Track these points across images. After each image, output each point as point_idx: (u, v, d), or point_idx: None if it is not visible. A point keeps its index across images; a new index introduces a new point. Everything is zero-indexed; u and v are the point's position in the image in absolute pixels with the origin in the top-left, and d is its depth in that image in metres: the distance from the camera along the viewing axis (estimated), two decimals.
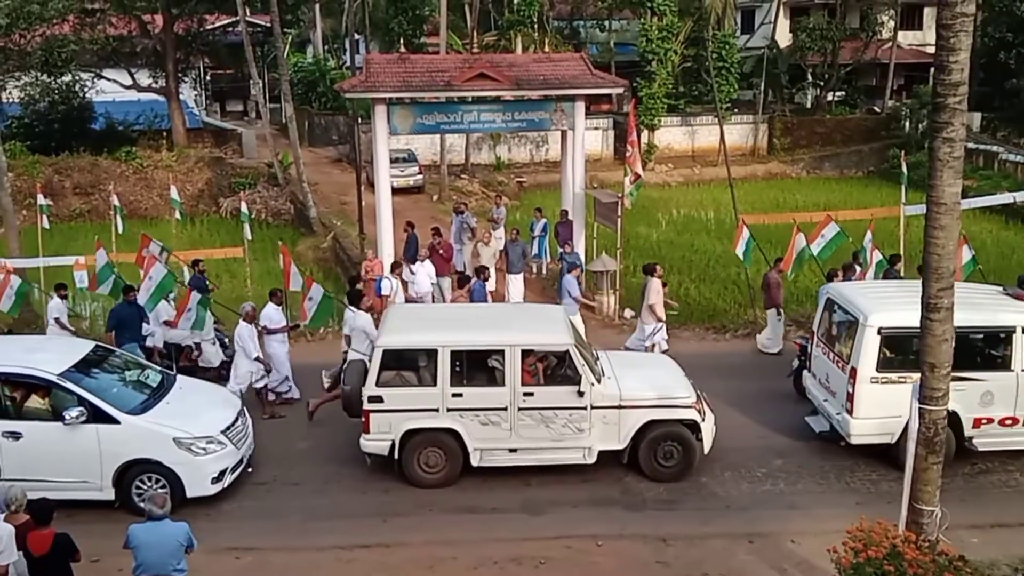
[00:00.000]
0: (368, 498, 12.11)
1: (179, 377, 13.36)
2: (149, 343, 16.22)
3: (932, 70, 9.27)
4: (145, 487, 11.50)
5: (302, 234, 28.77)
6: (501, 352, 12.14)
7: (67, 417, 11.34)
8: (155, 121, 38.90)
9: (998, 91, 41.41)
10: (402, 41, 26.84)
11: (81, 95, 37.15)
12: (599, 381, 12.27)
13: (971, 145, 33.24)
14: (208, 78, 51.21)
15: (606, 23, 48.73)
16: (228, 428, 12.17)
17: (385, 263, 20.12)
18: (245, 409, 13.09)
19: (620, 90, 25.09)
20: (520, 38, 40.01)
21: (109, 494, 11.61)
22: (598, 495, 12.15)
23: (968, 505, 11.18)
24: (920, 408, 9.16)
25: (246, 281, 19.76)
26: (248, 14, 35.56)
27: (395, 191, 22.27)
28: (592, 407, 12.15)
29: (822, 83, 46.33)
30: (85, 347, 12.99)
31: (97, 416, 11.45)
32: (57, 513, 8.76)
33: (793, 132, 43.53)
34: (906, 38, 47.07)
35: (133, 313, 15.63)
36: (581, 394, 12.06)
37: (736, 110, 43.91)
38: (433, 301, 19.77)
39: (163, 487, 11.43)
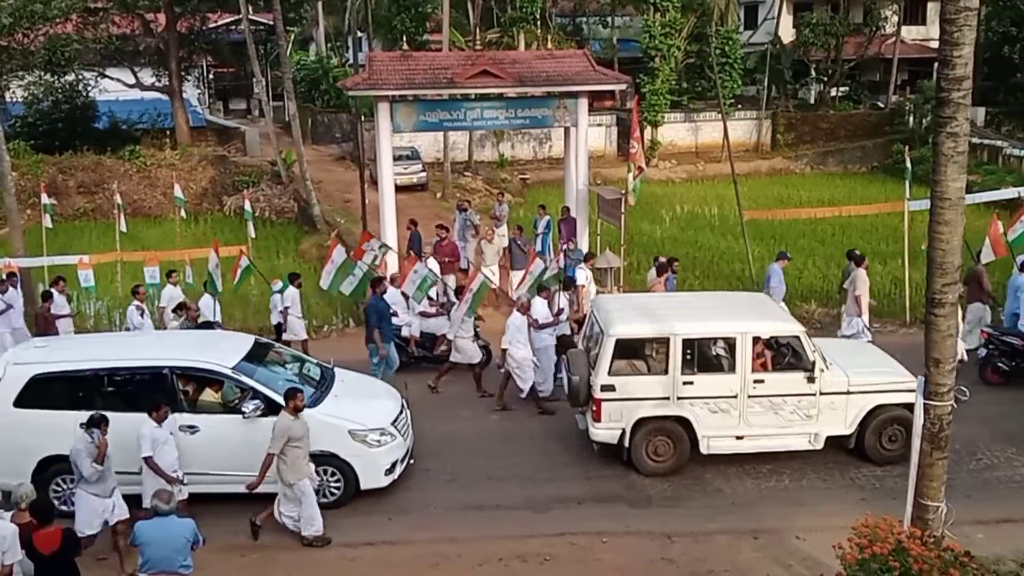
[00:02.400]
0: (372, 496, 12.11)
1: (337, 370, 13.30)
2: (405, 332, 16.53)
3: (936, 65, 9.25)
4: (320, 480, 11.50)
5: (305, 232, 28.75)
6: (732, 340, 12.27)
7: (246, 410, 11.41)
8: (158, 120, 38.91)
9: (1002, 86, 41.32)
10: (405, 38, 26.69)
11: (84, 94, 37.18)
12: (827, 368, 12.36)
13: (975, 140, 33.17)
14: (211, 76, 51.19)
15: (609, 19, 48.69)
16: (395, 419, 12.24)
17: (389, 260, 20.11)
18: (406, 400, 13.14)
19: (623, 86, 25.07)
20: (523, 35, 39.77)
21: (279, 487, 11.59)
22: (603, 492, 12.16)
23: (974, 501, 11.17)
24: (925, 404, 9.15)
25: (250, 279, 19.74)
26: (251, 12, 35.53)
27: (398, 189, 22.27)
28: (821, 393, 12.27)
29: (825, 78, 46.25)
30: (248, 341, 13.06)
31: (272, 409, 11.43)
32: (64, 513, 8.79)
33: (797, 128, 43.44)
34: (910, 33, 46.95)
35: (387, 307, 15.57)
36: (811, 380, 12.16)
37: (739, 106, 43.82)
38: (438, 297, 19.79)
39: (337, 480, 11.57)
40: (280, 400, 11.34)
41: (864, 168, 41.11)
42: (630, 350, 12.65)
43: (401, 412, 12.56)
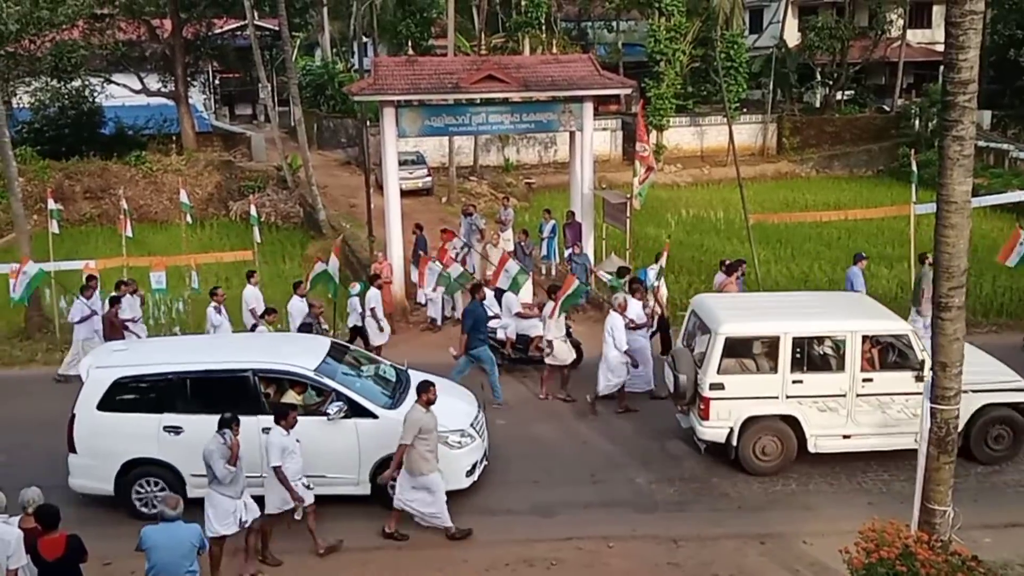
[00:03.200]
0: (378, 500, 12.08)
1: (411, 372, 13.27)
2: (501, 335, 16.50)
3: (941, 68, 9.23)
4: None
5: (311, 237, 28.81)
6: (841, 339, 12.27)
7: (331, 412, 11.41)
8: (164, 125, 39.07)
9: (1008, 89, 41.25)
10: (410, 43, 26.72)
11: (91, 100, 37.34)
12: None
13: (981, 143, 33.09)
14: (217, 82, 51.35)
15: (614, 24, 48.77)
16: (474, 421, 12.23)
17: (395, 265, 20.15)
18: (482, 402, 13.14)
19: (628, 91, 25.05)
20: (528, 40, 39.80)
21: (365, 488, 11.68)
22: (609, 496, 12.14)
23: (981, 505, 11.13)
24: (932, 408, 9.13)
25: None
26: (256, 18, 35.66)
27: (404, 193, 22.31)
28: None
29: (831, 82, 46.24)
30: (325, 343, 13.06)
31: (355, 411, 11.50)
32: (69, 517, 8.78)
33: (802, 131, 43.44)
34: (915, 36, 46.95)
35: (484, 313, 15.51)
36: (919, 379, 12.02)
37: (745, 110, 43.84)
38: (443, 302, 19.82)
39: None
40: (363, 402, 11.52)
41: (870, 172, 41.10)
42: (739, 349, 12.57)
43: (478, 414, 12.54)
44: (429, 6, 42.27)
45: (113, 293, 17.19)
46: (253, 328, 16.44)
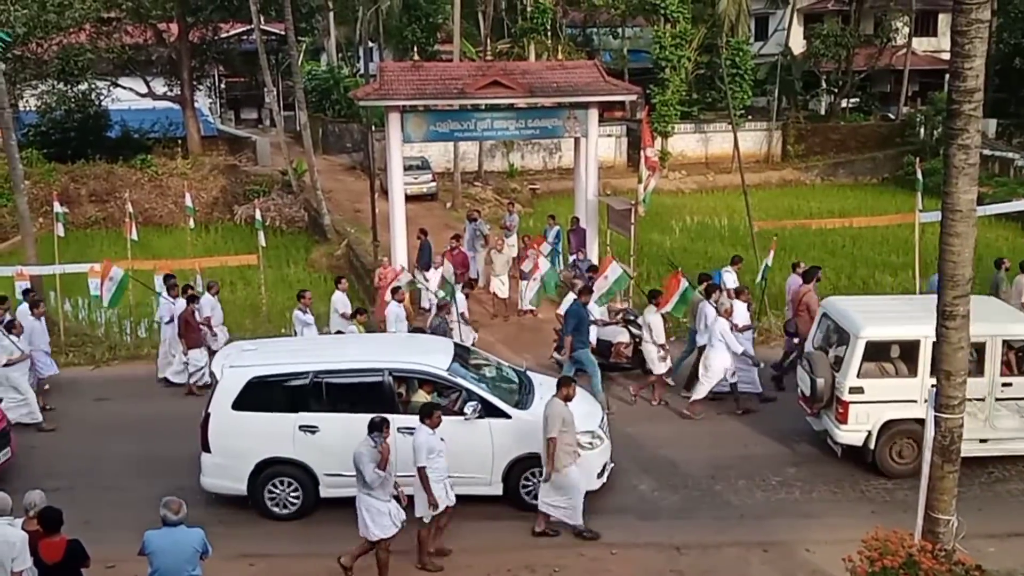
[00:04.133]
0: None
1: (530, 373, 13.31)
2: None
3: (947, 76, 9.25)
4: (531, 483, 11.53)
5: (316, 241, 28.85)
6: (981, 343, 12.11)
7: (468, 412, 11.40)
8: (170, 129, 39.18)
9: (1014, 97, 41.23)
10: (416, 49, 26.76)
11: (97, 103, 37.47)
12: None
13: (986, 152, 33.06)
14: (223, 86, 51.52)
15: (619, 30, 48.78)
16: (601, 422, 12.20)
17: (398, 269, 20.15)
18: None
19: (633, 97, 25.10)
20: (533, 46, 40.10)
21: (497, 489, 11.68)
22: (612, 504, 12.12)
23: (985, 514, 11.09)
24: (936, 416, 9.11)
25: (260, 288, 19.83)
26: (263, 22, 35.76)
27: (408, 198, 22.32)
28: None
29: (836, 90, 46.22)
30: (449, 343, 13.11)
31: (488, 410, 11.51)
32: (72, 520, 8.79)
33: (807, 139, 43.44)
34: (920, 44, 46.94)
35: (588, 315, 15.41)
36: None
37: (750, 117, 43.83)
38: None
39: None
40: (496, 402, 11.58)
41: (874, 180, 41.08)
42: (878, 352, 12.51)
43: (603, 415, 12.52)
44: (435, 12, 42.40)
45: (192, 293, 17.11)
46: (338, 332, 16.43)
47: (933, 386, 9.24)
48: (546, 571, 10.47)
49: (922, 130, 41.48)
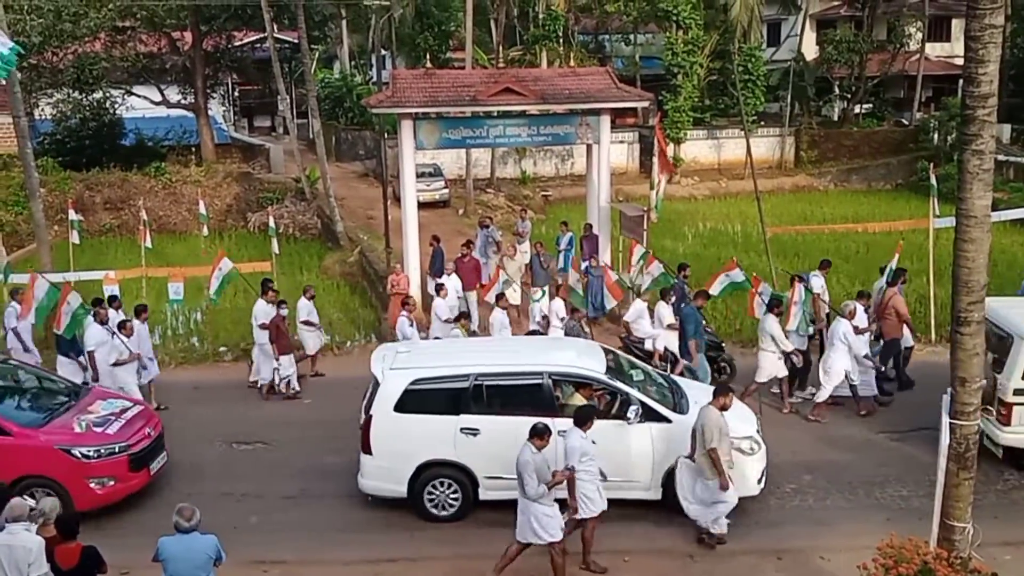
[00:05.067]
0: (396, 512, 12.10)
1: (675, 377, 13.30)
2: (648, 346, 16.41)
3: (960, 82, 9.22)
4: None
5: (329, 248, 28.92)
6: None
7: (631, 416, 11.40)
8: (184, 137, 39.36)
9: None
10: (428, 56, 26.92)
11: (112, 111, 37.67)
12: None
13: (1001, 157, 32.91)
14: (236, 94, 51.76)
15: (631, 37, 48.80)
16: (758, 427, 12.18)
17: (412, 277, 20.19)
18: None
19: (645, 104, 25.11)
20: (545, 53, 40.15)
21: (656, 494, 11.67)
22: (626, 511, 12.03)
23: (1001, 521, 11.04)
24: (951, 423, 9.07)
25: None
26: (276, 30, 35.91)
27: (421, 205, 22.37)
28: None
29: (849, 95, 46.10)
30: (597, 347, 13.11)
31: (648, 415, 11.52)
32: (86, 526, 8.83)
33: (820, 145, 43.33)
34: (934, 50, 46.77)
35: (701, 318, 15.37)
36: None
37: (763, 123, 43.77)
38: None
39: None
40: (656, 406, 11.60)
41: (888, 185, 40.91)
42: None
43: (758, 420, 12.49)
44: (447, 19, 42.48)
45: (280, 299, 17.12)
46: (436, 338, 16.56)
47: (948, 393, 9.20)
48: None
49: (936, 135, 41.31)
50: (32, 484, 11.60)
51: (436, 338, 16.62)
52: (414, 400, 11.67)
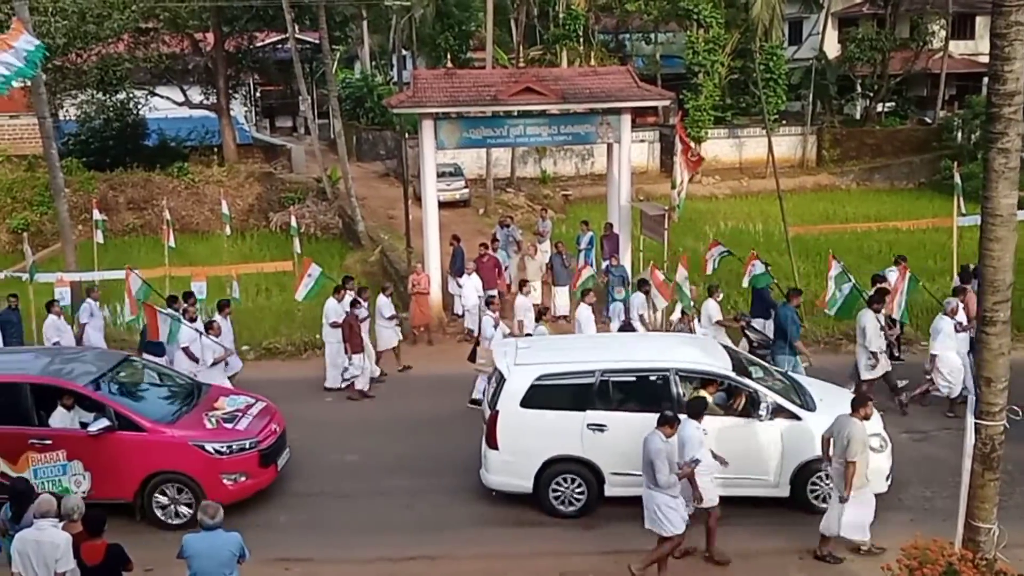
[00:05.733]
0: (417, 511, 12.15)
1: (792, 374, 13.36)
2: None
3: (985, 80, 9.17)
4: (819, 486, 11.51)
5: (350, 248, 29.02)
6: None
7: (762, 413, 11.45)
8: (206, 137, 39.60)
9: None
10: (448, 56, 26.92)
11: (135, 112, 37.96)
12: None
13: None
14: (258, 94, 51.96)
15: (652, 36, 48.66)
16: (883, 424, 12.08)
17: (432, 276, 20.23)
18: None
19: (666, 103, 25.03)
20: (566, 52, 40.04)
21: (785, 491, 11.65)
22: (637, 510, 12.06)
23: None
24: (976, 424, 9.00)
25: (295, 295, 19.97)
26: (297, 31, 36.09)
27: (442, 205, 22.42)
28: None
29: (871, 94, 45.82)
30: (716, 343, 13.19)
31: (778, 411, 11.56)
32: (112, 523, 8.91)
33: (842, 143, 43.08)
34: (957, 47, 46.36)
35: (797, 315, 15.23)
36: None
37: (784, 122, 43.57)
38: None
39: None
40: (785, 403, 11.58)
41: (911, 184, 40.61)
42: None
43: (881, 417, 12.37)
44: (468, 19, 42.52)
45: (353, 297, 17.08)
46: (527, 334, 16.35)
47: (973, 394, 9.14)
48: None
49: (959, 134, 40.96)
50: (165, 480, 11.77)
51: (528, 334, 16.15)
52: (540, 396, 11.69)
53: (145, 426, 11.83)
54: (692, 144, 20.60)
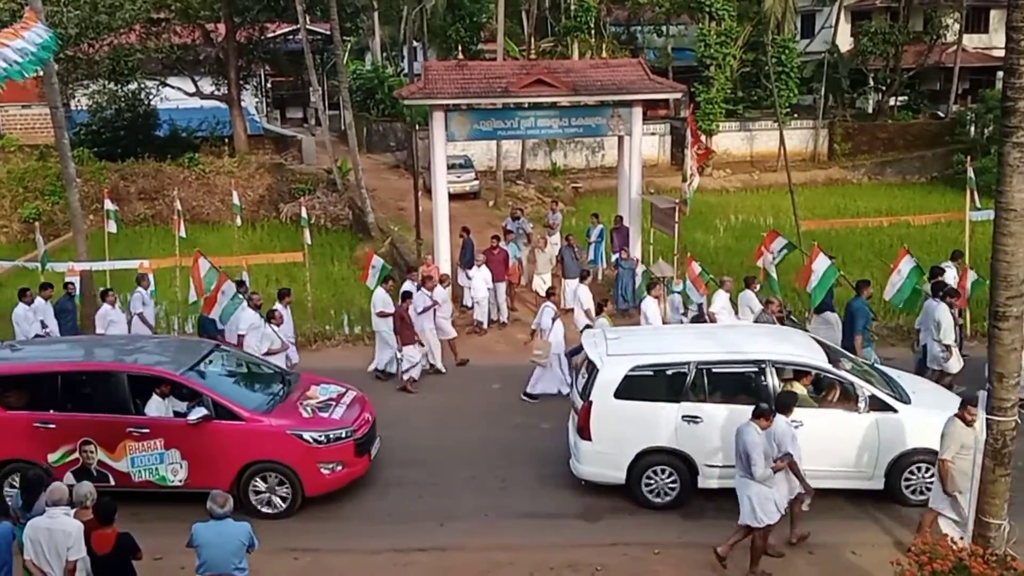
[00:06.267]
0: (425, 502, 12.18)
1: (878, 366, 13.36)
2: None
3: (999, 74, 9.10)
4: (914, 478, 11.51)
5: (360, 239, 29.03)
6: None
7: (861, 405, 11.43)
8: (217, 128, 39.65)
9: None
10: (460, 48, 26.88)
11: (146, 102, 38.03)
12: None
13: None
14: (269, 85, 52.05)
15: (663, 28, 48.53)
16: None
17: (442, 268, 20.23)
18: None
19: (678, 95, 24.95)
20: (577, 44, 40.01)
21: (879, 483, 11.62)
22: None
23: None
24: (988, 419, 8.97)
25: (305, 285, 20.01)
26: (308, 22, 36.06)
27: (451, 197, 22.40)
28: None
29: (884, 88, 45.59)
30: (806, 335, 13.16)
31: (874, 404, 11.52)
32: (122, 513, 8.94)
33: (854, 137, 42.88)
34: (971, 41, 46.07)
35: (868, 310, 15.17)
36: None
37: (796, 115, 43.40)
38: (489, 306, 19.87)
39: (931, 476, 11.03)
40: (883, 396, 11.54)
41: (923, 179, 40.42)
42: None
43: None
44: (479, 11, 42.45)
45: (405, 287, 17.10)
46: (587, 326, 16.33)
47: (986, 390, 9.09)
48: (589, 569, 10.47)
49: (972, 128, 40.72)
50: (263, 469, 11.76)
51: (587, 326, 15.99)
52: (634, 387, 11.69)
53: (243, 415, 11.80)
54: (702, 137, 20.45)
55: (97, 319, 17.03)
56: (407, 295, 16.63)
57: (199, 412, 11.65)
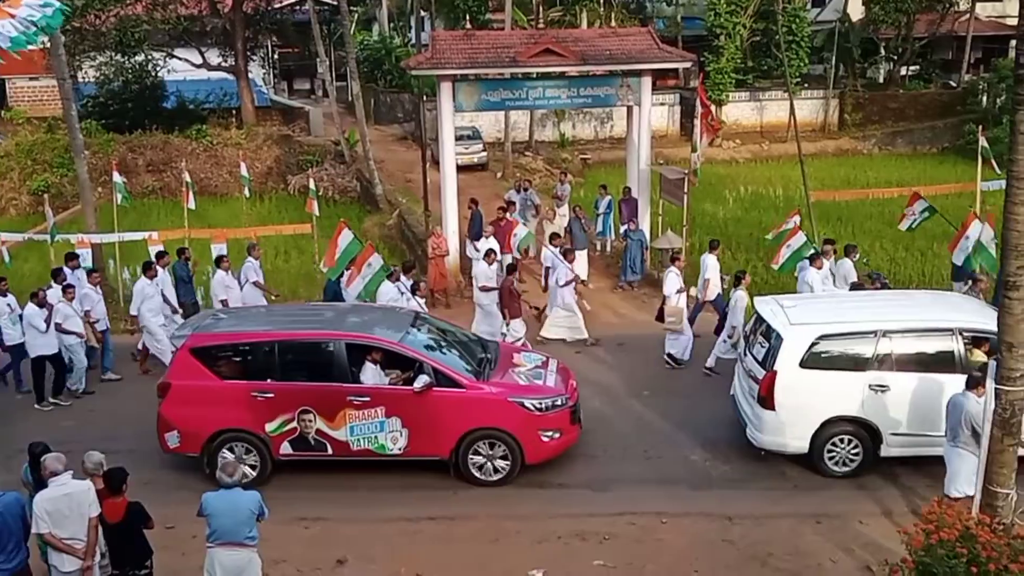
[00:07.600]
0: (436, 472, 12.22)
1: None
2: None
3: (1013, 42, 9.00)
4: None
5: (368, 211, 29.01)
6: None
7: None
8: (224, 99, 39.54)
9: None
10: (467, 18, 26.68)
11: (153, 74, 37.91)
12: None
13: None
14: (276, 57, 51.79)
15: None
16: None
17: (450, 239, 20.21)
18: None
19: (687, 65, 24.79)
20: (586, 13, 39.67)
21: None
22: (663, 473, 12.13)
23: None
24: (996, 388, 8.96)
25: (313, 256, 20.02)
26: None
27: (459, 168, 22.33)
28: None
29: (895, 57, 45.15)
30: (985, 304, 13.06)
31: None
32: (134, 481, 9.00)
33: (865, 107, 42.53)
34: (984, 10, 45.54)
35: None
36: None
37: (806, 85, 43.06)
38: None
39: None
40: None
41: (934, 149, 40.12)
42: None
43: None
44: None
45: (510, 263, 17.00)
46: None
47: (995, 359, 9.07)
48: (596, 539, 10.53)
49: (984, 98, 40.37)
50: (484, 436, 11.76)
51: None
52: (820, 356, 11.62)
53: (463, 383, 11.82)
54: (712, 108, 20.32)
55: (215, 285, 17.00)
56: (512, 268, 16.66)
57: (423, 380, 11.62)
